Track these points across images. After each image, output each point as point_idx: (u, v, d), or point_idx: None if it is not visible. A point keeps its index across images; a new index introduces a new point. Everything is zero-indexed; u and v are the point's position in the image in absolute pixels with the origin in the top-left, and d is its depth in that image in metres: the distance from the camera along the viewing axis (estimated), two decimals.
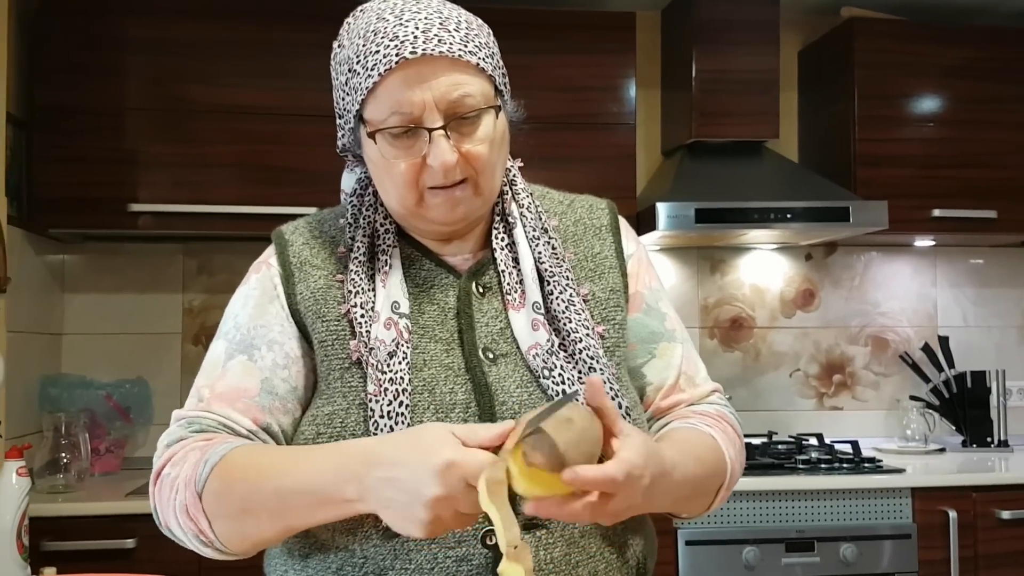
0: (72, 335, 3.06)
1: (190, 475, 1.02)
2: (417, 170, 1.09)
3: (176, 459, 1.06)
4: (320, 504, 0.98)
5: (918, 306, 3.47)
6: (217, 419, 1.09)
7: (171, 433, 1.09)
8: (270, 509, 1.00)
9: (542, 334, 1.12)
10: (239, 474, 1.01)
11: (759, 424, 3.31)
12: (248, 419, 1.10)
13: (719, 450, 1.15)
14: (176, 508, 1.03)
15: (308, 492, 0.98)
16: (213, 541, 1.03)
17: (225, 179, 2.77)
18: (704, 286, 3.40)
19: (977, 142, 3.12)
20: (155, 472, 1.07)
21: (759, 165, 3.13)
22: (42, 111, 2.71)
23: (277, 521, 1.01)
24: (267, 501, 0.99)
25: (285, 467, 1.01)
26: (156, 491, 1.07)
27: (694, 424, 1.17)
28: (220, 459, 1.02)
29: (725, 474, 1.15)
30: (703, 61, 3.06)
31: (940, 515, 2.66)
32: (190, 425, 1.09)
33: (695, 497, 1.12)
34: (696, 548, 2.58)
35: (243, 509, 1.01)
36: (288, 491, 0.98)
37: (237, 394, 1.10)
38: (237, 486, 1.00)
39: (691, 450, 1.10)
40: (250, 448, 1.06)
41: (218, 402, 1.10)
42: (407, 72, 1.06)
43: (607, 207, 1.28)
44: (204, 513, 1.02)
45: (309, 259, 1.17)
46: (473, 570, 1.03)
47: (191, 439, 1.07)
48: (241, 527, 1.02)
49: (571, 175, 2.85)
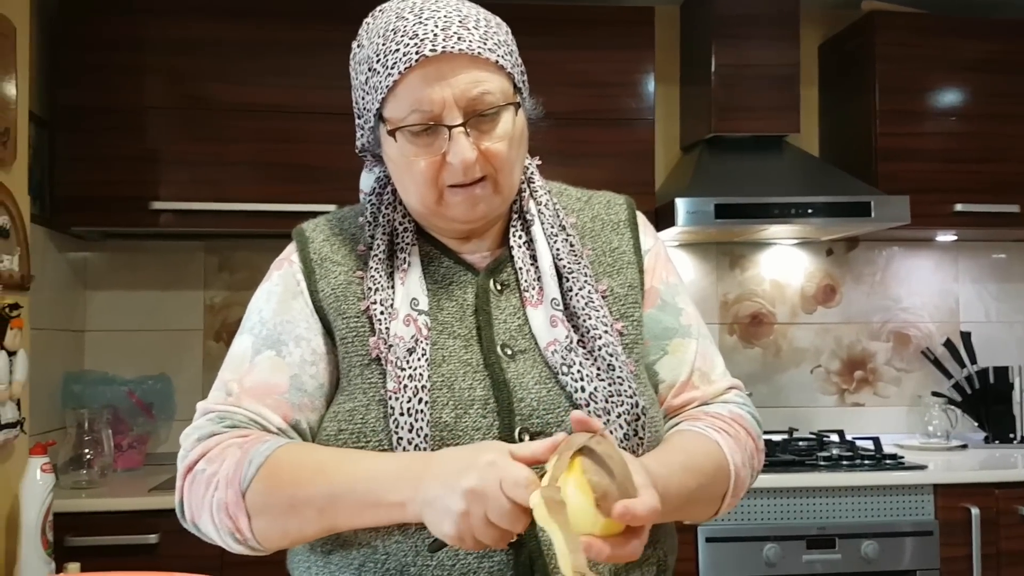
0: (95, 332, 3.08)
1: (232, 473, 1.02)
2: (437, 168, 1.09)
3: (212, 455, 1.05)
4: (370, 506, 0.98)
5: (940, 301, 3.45)
6: (249, 415, 1.09)
7: (201, 427, 1.09)
8: (319, 508, 1.00)
9: (561, 330, 1.11)
10: (288, 473, 1.01)
11: (780, 421, 3.30)
12: (278, 416, 1.10)
13: (721, 457, 1.13)
14: (213, 505, 1.03)
15: (362, 492, 0.99)
16: (248, 539, 1.04)
17: (246, 177, 2.79)
18: (724, 282, 3.39)
19: (999, 136, 3.09)
20: (186, 466, 1.07)
21: (779, 160, 3.11)
22: (64, 110, 2.73)
23: (323, 520, 1.01)
24: (316, 500, 1.00)
25: (337, 467, 1.02)
26: (187, 486, 1.06)
27: (701, 428, 1.15)
28: (266, 459, 1.02)
29: (728, 481, 1.13)
30: (722, 55, 3.05)
31: (962, 512, 2.64)
32: (222, 420, 1.09)
33: (689, 506, 1.10)
34: (716, 545, 2.57)
35: (291, 507, 1.01)
36: (342, 489, 0.99)
37: (267, 390, 1.11)
38: (286, 485, 1.01)
39: (683, 460, 1.07)
40: (296, 447, 1.06)
41: (248, 398, 1.10)
42: (427, 70, 1.06)
43: (625, 203, 1.28)
44: (246, 511, 1.02)
45: (330, 255, 1.18)
46: (495, 567, 1.03)
47: (227, 435, 1.07)
48: (285, 525, 1.03)
49: (589, 171, 2.85)
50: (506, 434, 1.06)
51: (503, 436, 1.06)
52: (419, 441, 1.03)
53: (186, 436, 1.10)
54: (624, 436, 1.07)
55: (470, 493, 0.89)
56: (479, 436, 1.05)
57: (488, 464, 0.90)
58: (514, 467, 0.90)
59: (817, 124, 3.43)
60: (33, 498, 2.13)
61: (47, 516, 2.15)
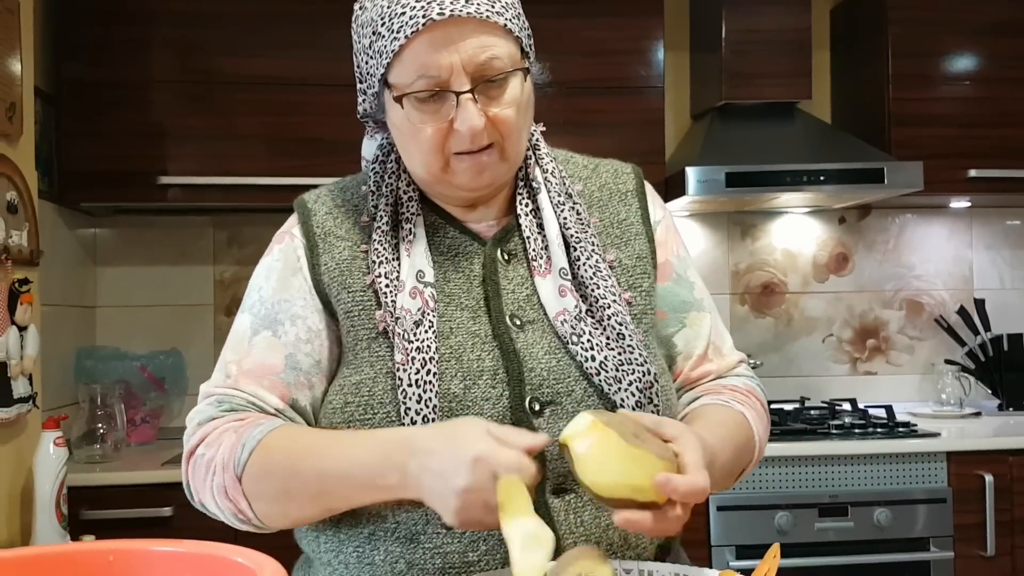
0: (106, 308, 3.09)
1: (228, 458, 1.04)
2: (443, 135, 1.07)
3: (210, 440, 1.07)
4: (362, 488, 1.00)
5: (953, 269, 3.42)
6: (246, 397, 1.10)
7: (202, 411, 1.10)
8: (311, 492, 1.02)
9: (569, 300, 1.11)
10: (279, 457, 1.02)
11: (792, 390, 3.29)
12: (276, 396, 1.11)
13: (751, 432, 1.16)
14: (214, 489, 1.05)
15: (350, 477, 1.00)
16: (251, 519, 1.06)
17: (254, 151, 2.78)
18: (735, 251, 3.37)
19: (1014, 100, 3.05)
20: (188, 450, 1.09)
21: (791, 127, 3.08)
22: (70, 85, 2.72)
23: (318, 503, 1.03)
24: (307, 485, 1.02)
25: (326, 451, 1.02)
26: (190, 470, 1.08)
27: (727, 401, 1.17)
28: (258, 443, 1.03)
29: (753, 453, 1.17)
30: (733, 21, 3.01)
31: (976, 479, 2.63)
32: (220, 404, 1.10)
33: (724, 479, 1.12)
34: (729, 513, 2.58)
35: (284, 491, 1.03)
36: (330, 475, 1.01)
37: (263, 371, 1.11)
38: (277, 470, 1.02)
39: (729, 435, 1.10)
40: (287, 430, 1.07)
41: (246, 379, 1.11)
42: (434, 34, 1.04)
43: (632, 172, 1.26)
44: (244, 495, 1.04)
45: (333, 229, 1.17)
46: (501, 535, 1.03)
47: (224, 419, 1.08)
48: (283, 508, 1.04)
49: (599, 140, 2.80)
50: (516, 403, 1.06)
51: (513, 406, 1.06)
52: (427, 412, 1.03)
53: (189, 420, 1.11)
54: (636, 404, 1.07)
55: (465, 492, 0.91)
56: (488, 407, 1.05)
57: (475, 460, 0.90)
58: (502, 454, 0.90)
59: (829, 90, 3.39)
60: (47, 472, 2.14)
61: (61, 490, 2.16)
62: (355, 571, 1.08)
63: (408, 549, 1.04)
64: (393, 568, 1.05)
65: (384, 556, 1.05)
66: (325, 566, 1.12)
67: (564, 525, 1.05)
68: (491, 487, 0.89)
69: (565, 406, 1.07)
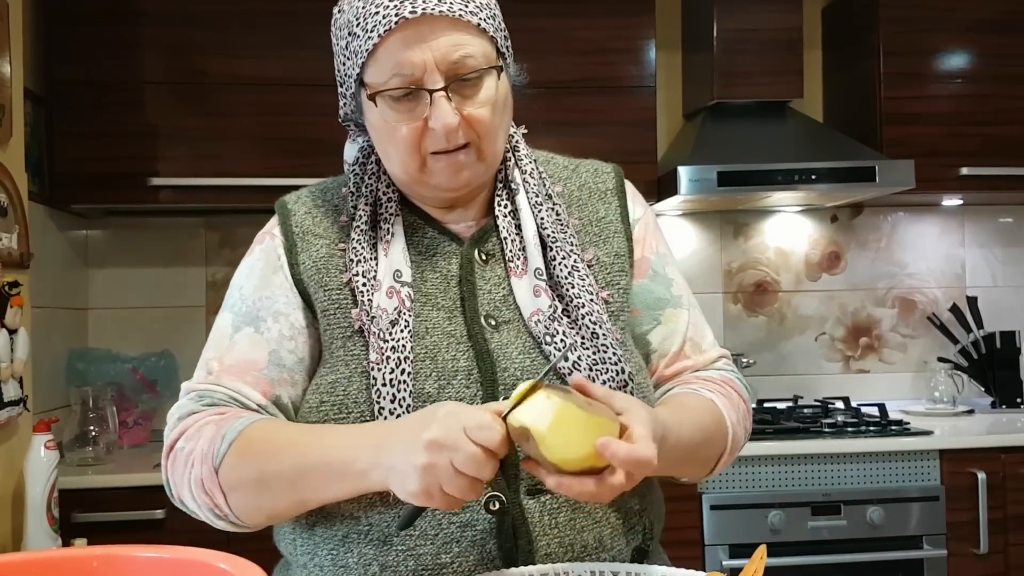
0: (97, 310, 3.08)
1: (207, 450, 1.04)
2: (419, 134, 1.08)
3: (190, 433, 1.07)
4: (337, 476, 0.99)
5: (946, 267, 3.43)
6: (228, 393, 1.10)
7: (182, 406, 1.10)
8: (287, 481, 1.01)
9: (544, 300, 1.11)
10: (259, 447, 1.02)
11: (785, 388, 3.29)
12: (258, 392, 1.11)
13: (719, 415, 1.14)
14: (191, 482, 1.04)
15: (327, 463, 0.99)
16: (228, 515, 1.05)
17: (246, 152, 2.77)
18: (727, 251, 3.37)
19: (1006, 98, 3.05)
20: (168, 445, 1.09)
21: (783, 126, 3.08)
22: (60, 86, 2.71)
23: (292, 494, 1.02)
24: (285, 474, 1.01)
25: (305, 441, 1.02)
26: (170, 464, 1.08)
27: (695, 389, 1.16)
28: (238, 434, 1.03)
29: (726, 439, 1.15)
30: (724, 20, 3.01)
31: (969, 477, 2.63)
32: (201, 399, 1.09)
33: (691, 462, 1.12)
34: (721, 512, 2.58)
35: (260, 481, 1.02)
36: (307, 463, 1.00)
37: (246, 367, 1.11)
38: (255, 460, 1.02)
39: (690, 416, 1.09)
40: (268, 423, 1.07)
41: (227, 375, 1.11)
42: (407, 32, 1.05)
43: (613, 171, 1.26)
44: (220, 487, 1.03)
45: (311, 228, 1.17)
46: (477, 535, 1.03)
47: (204, 412, 1.08)
48: (257, 500, 1.03)
49: (590, 140, 2.82)
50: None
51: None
52: (401, 412, 1.03)
53: (169, 416, 1.11)
54: None
55: (432, 444, 0.88)
56: None
57: (447, 414, 0.90)
58: (474, 411, 0.90)
59: (821, 89, 3.39)
60: (37, 475, 2.14)
61: (52, 493, 2.16)
62: (330, 573, 1.07)
63: (381, 552, 1.04)
64: (366, 571, 1.05)
65: (357, 559, 1.05)
66: (301, 568, 1.12)
67: (539, 527, 1.04)
68: (461, 442, 0.87)
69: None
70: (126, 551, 0.74)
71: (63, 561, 0.73)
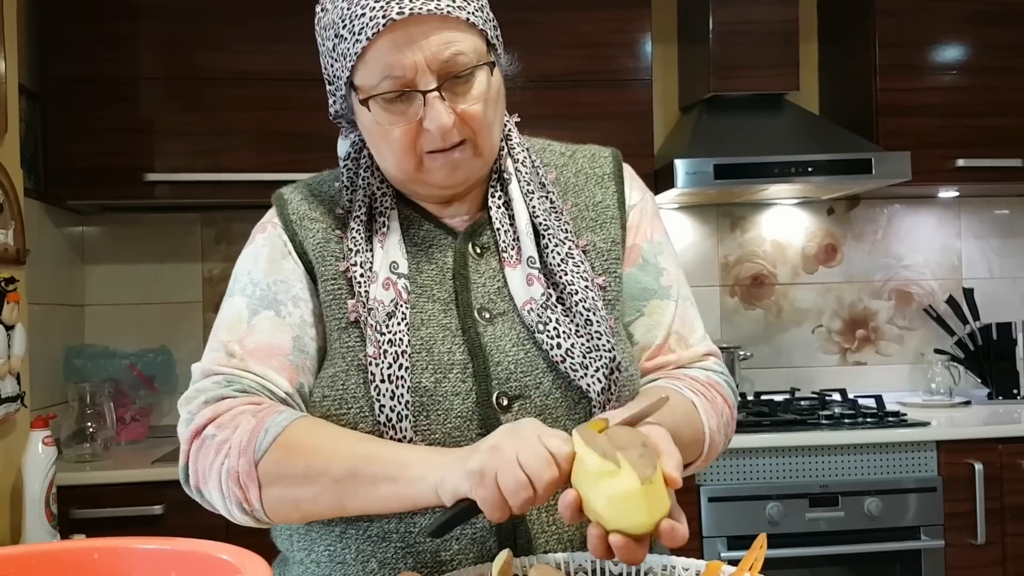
0: (94, 306, 3.08)
1: (246, 442, 0.99)
2: (414, 135, 1.06)
3: (223, 420, 1.02)
4: (388, 479, 0.95)
5: (942, 258, 3.43)
6: (256, 380, 1.06)
7: (208, 389, 1.05)
8: (335, 478, 0.97)
9: (537, 288, 1.09)
10: (308, 442, 0.99)
11: (782, 381, 3.30)
12: (285, 379, 1.07)
13: (697, 422, 1.10)
14: (223, 473, 1.00)
15: (384, 463, 0.96)
16: (256, 510, 1.01)
17: (242, 147, 2.76)
18: (724, 244, 3.37)
19: (1001, 89, 3.05)
20: (193, 430, 1.03)
21: (779, 118, 3.08)
22: (55, 82, 2.70)
23: (336, 493, 0.98)
24: (334, 470, 0.97)
25: (360, 441, 1.00)
26: (195, 450, 1.03)
27: (679, 388, 1.12)
28: (283, 430, 0.99)
29: (702, 446, 1.11)
30: (720, 13, 3.01)
31: (966, 468, 2.64)
32: (230, 383, 1.05)
33: None
34: (719, 504, 2.58)
35: (306, 476, 0.98)
36: (357, 466, 0.97)
37: (271, 351, 1.07)
38: (304, 455, 0.98)
39: (670, 420, 1.04)
40: (313, 421, 1.03)
41: (253, 359, 1.06)
42: (395, 34, 1.03)
43: (611, 155, 1.23)
44: (258, 481, 0.99)
45: (308, 213, 1.15)
46: (476, 532, 1.02)
47: (238, 400, 1.04)
48: (297, 495, 0.99)
49: (587, 133, 2.77)
50: (484, 399, 1.04)
51: (481, 401, 1.04)
52: (400, 408, 1.01)
53: (188, 399, 1.06)
54: (603, 390, 1.05)
55: (506, 431, 0.91)
56: (458, 401, 1.04)
57: (526, 424, 0.92)
58: (551, 431, 0.91)
59: (817, 81, 3.39)
60: (36, 471, 2.14)
61: (50, 489, 2.15)
62: (327, 570, 1.06)
63: (380, 548, 1.03)
64: (365, 567, 1.04)
65: (355, 555, 1.04)
66: (298, 564, 1.10)
67: (536, 525, 1.04)
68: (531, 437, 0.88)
69: (534, 399, 1.05)
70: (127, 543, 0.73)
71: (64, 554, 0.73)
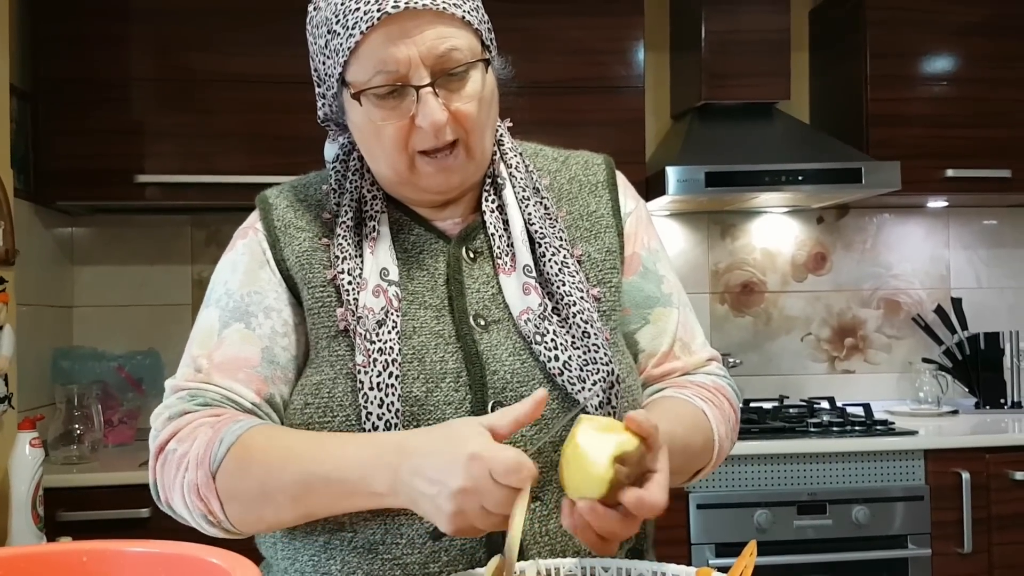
0: (83, 307, 3.06)
1: (203, 454, 0.99)
2: (406, 132, 1.05)
3: (183, 435, 1.02)
4: (348, 494, 0.95)
5: (931, 268, 3.45)
6: (220, 392, 1.05)
7: (172, 405, 1.05)
8: (292, 495, 0.96)
9: (534, 298, 1.07)
10: (260, 456, 0.98)
11: (770, 388, 3.31)
12: (251, 391, 1.06)
13: (708, 430, 1.11)
14: (184, 487, 1.00)
15: (336, 481, 0.94)
16: (222, 522, 1.00)
17: (233, 149, 2.76)
18: (714, 251, 3.38)
19: (991, 100, 3.07)
20: (158, 446, 1.04)
21: (770, 127, 3.10)
22: (46, 83, 2.69)
23: (298, 507, 0.98)
24: (289, 487, 0.96)
25: (311, 453, 0.97)
26: (159, 466, 1.03)
27: (688, 397, 1.13)
28: (236, 439, 0.98)
29: (712, 452, 1.12)
30: (712, 22, 3.02)
31: (953, 476, 2.65)
32: (193, 398, 1.05)
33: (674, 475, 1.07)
34: (708, 511, 2.59)
35: (262, 493, 0.97)
36: (315, 478, 0.95)
37: (238, 364, 1.07)
38: (256, 469, 0.97)
39: (682, 430, 1.05)
40: (269, 428, 1.02)
41: (219, 373, 1.06)
42: (390, 28, 1.02)
43: (604, 162, 1.23)
44: (217, 494, 0.98)
45: (293, 221, 1.14)
46: (466, 543, 1.01)
47: (198, 414, 1.03)
48: (259, 511, 0.99)
49: (579, 140, 2.77)
50: (478, 409, 1.03)
51: (475, 410, 1.02)
52: (390, 417, 1.00)
53: (156, 415, 1.06)
54: (599, 404, 1.03)
55: (461, 493, 0.86)
56: (451, 411, 1.02)
57: (471, 459, 0.86)
58: (500, 452, 0.86)
59: (807, 90, 3.40)
60: (22, 473, 2.12)
61: (37, 491, 2.14)
62: None
63: (366, 560, 1.01)
64: None
65: (341, 567, 1.02)
66: (282, 573, 1.08)
67: (530, 534, 1.03)
68: (488, 488, 0.86)
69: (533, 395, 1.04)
70: (116, 546, 0.73)
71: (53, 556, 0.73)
